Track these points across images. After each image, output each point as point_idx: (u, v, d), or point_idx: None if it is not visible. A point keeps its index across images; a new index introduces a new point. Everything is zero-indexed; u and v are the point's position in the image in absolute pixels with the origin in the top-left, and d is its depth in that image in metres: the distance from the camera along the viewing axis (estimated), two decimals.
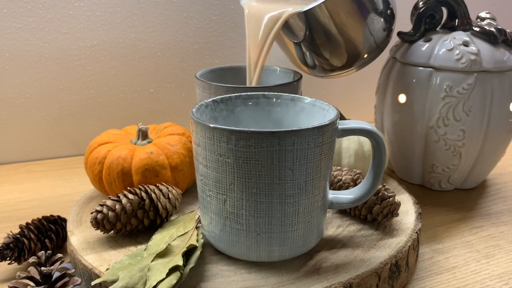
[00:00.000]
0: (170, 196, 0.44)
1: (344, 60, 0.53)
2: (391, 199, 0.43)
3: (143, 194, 0.43)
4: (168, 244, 0.38)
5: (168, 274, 0.34)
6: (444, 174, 0.57)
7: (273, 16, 0.47)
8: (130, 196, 0.42)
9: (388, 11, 0.52)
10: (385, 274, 0.39)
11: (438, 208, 0.55)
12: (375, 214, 0.43)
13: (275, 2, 0.51)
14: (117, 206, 0.41)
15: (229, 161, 0.35)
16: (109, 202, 0.42)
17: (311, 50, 0.52)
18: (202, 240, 0.39)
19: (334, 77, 0.57)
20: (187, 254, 0.37)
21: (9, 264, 0.42)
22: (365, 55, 0.54)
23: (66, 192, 0.60)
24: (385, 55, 0.59)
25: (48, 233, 0.44)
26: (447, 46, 0.53)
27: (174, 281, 0.34)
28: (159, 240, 0.39)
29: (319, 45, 0.51)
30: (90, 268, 0.38)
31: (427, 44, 0.54)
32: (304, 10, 0.46)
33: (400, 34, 0.57)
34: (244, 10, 0.48)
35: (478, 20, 0.57)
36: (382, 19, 0.51)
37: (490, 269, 0.44)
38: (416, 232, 0.43)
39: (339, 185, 0.46)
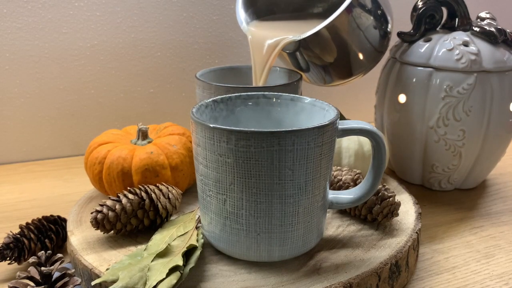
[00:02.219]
0: (170, 196, 0.44)
1: (345, 71, 0.55)
2: (391, 199, 0.43)
3: (143, 194, 0.43)
4: (168, 244, 0.38)
5: (168, 274, 0.34)
6: (444, 174, 0.57)
7: (271, 44, 0.51)
8: (130, 196, 0.42)
9: (383, 17, 0.53)
10: (385, 274, 0.39)
11: (438, 208, 0.55)
12: (375, 214, 0.43)
13: (273, 29, 0.54)
14: (117, 206, 0.41)
15: (229, 161, 0.35)
16: (109, 202, 0.42)
17: (309, 65, 0.54)
18: (202, 240, 0.39)
19: (337, 86, 0.58)
20: (187, 254, 0.37)
21: (9, 264, 0.42)
22: (366, 63, 0.55)
23: (66, 192, 0.60)
24: (385, 55, 0.59)
25: (48, 233, 0.44)
26: (447, 46, 0.53)
27: (174, 281, 0.34)
28: (159, 240, 0.39)
29: (317, 62, 0.53)
30: (90, 268, 0.38)
31: (427, 44, 0.54)
32: (300, 38, 0.49)
33: (400, 34, 0.57)
34: (248, 36, 0.52)
35: (478, 20, 0.57)
36: (378, 27, 0.52)
37: (490, 269, 0.44)
38: (416, 232, 0.43)
39: (339, 185, 0.46)
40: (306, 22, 0.56)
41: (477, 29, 0.54)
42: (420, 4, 0.56)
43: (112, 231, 0.42)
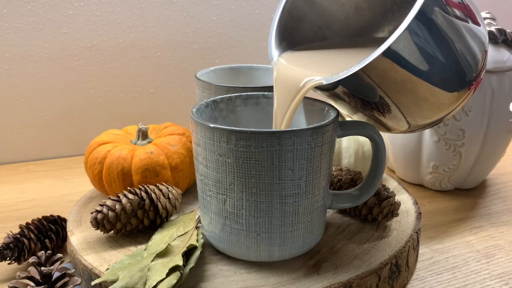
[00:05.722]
0: (170, 196, 0.44)
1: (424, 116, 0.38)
2: (391, 199, 0.43)
3: (143, 194, 0.43)
4: (168, 244, 0.38)
5: (168, 274, 0.34)
6: (444, 174, 0.57)
7: (294, 85, 0.39)
8: (130, 196, 0.42)
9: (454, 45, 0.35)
10: (385, 274, 0.39)
11: (438, 208, 0.55)
12: (375, 214, 0.43)
13: (306, 63, 0.41)
14: (117, 206, 0.41)
15: (229, 161, 0.35)
16: (109, 202, 0.42)
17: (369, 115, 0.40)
18: (202, 240, 0.39)
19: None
20: (187, 254, 0.37)
21: (9, 264, 0.42)
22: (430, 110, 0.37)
23: (66, 192, 0.60)
24: None
25: (48, 233, 0.44)
26: None
27: (174, 281, 0.34)
28: (159, 240, 0.39)
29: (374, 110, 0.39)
30: (90, 268, 0.38)
31: None
32: (325, 83, 0.36)
33: None
34: (273, 72, 0.41)
35: None
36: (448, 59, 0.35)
37: (490, 269, 0.44)
38: (416, 232, 0.43)
39: (339, 185, 0.46)
40: (361, 51, 0.41)
41: None
42: None
43: (112, 231, 0.42)
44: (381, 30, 0.46)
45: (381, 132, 0.57)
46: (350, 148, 0.51)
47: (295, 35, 0.44)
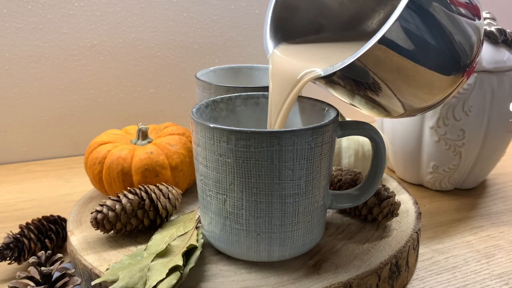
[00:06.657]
0: (170, 196, 0.44)
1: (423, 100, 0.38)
2: (391, 199, 0.43)
3: (143, 194, 0.43)
4: (168, 244, 0.38)
5: (168, 274, 0.34)
6: (444, 174, 0.57)
7: (291, 78, 0.39)
8: (130, 196, 0.42)
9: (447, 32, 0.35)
10: (385, 274, 0.39)
11: (438, 208, 0.55)
12: (375, 214, 0.43)
13: (302, 56, 0.41)
14: (117, 206, 0.41)
15: (229, 161, 0.35)
16: (109, 202, 0.42)
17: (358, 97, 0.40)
18: (202, 240, 0.39)
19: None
20: (187, 254, 0.37)
21: (9, 264, 0.42)
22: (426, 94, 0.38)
23: (66, 192, 0.60)
24: None
25: (48, 233, 0.44)
26: None
27: (174, 281, 0.34)
28: (159, 240, 0.39)
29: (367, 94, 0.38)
30: (90, 268, 0.38)
31: None
32: (323, 74, 0.36)
33: None
34: (269, 66, 0.41)
35: None
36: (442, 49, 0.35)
37: (490, 269, 0.44)
38: (416, 232, 0.43)
39: (339, 185, 0.46)
40: (357, 43, 0.40)
41: None
42: None
43: (112, 231, 0.42)
44: (377, 15, 0.46)
45: (382, 129, 0.57)
46: (350, 148, 0.51)
47: (290, 25, 0.44)
